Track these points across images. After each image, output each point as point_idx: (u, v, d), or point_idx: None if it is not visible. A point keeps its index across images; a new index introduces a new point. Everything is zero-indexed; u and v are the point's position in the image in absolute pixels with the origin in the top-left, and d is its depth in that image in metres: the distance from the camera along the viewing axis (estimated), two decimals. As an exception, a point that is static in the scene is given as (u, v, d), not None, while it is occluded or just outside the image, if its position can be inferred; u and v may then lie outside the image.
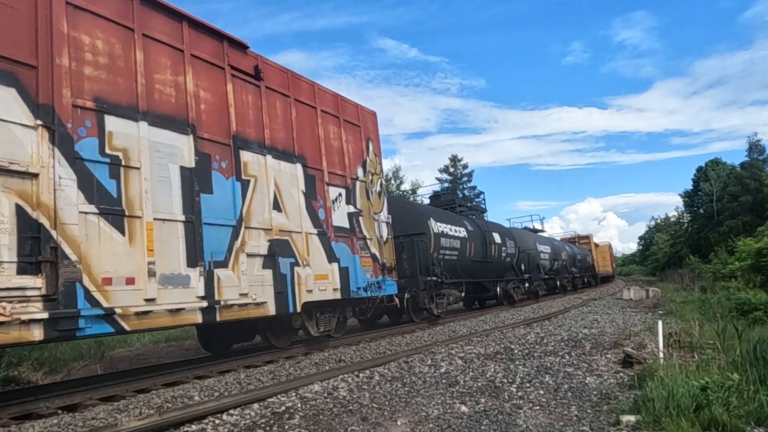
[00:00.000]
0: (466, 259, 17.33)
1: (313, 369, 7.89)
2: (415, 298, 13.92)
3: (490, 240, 19.60)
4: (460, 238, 17.05)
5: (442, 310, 15.12)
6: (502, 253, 20.69)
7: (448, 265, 15.92)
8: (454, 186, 57.21)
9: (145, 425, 4.74)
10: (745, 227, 42.71)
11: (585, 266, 38.98)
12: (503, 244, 21.01)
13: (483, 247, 18.78)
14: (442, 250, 15.67)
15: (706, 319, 11.00)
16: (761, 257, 19.96)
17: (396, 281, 12.27)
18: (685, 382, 4.78)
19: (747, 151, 59.49)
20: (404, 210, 15.21)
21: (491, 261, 19.46)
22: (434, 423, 4.86)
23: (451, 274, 16.10)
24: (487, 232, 19.50)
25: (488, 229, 20.10)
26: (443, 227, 16.11)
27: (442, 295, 15.11)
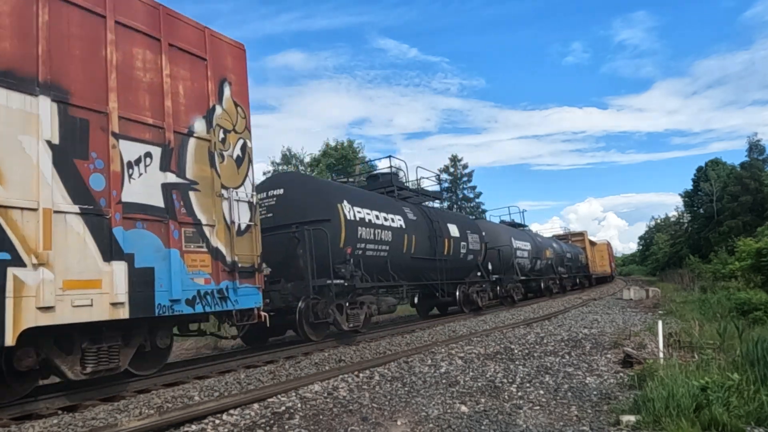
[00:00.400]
0: (404, 255, 13.46)
1: (313, 369, 7.88)
2: (313, 308, 10.32)
3: (441, 233, 15.45)
4: (394, 228, 13.10)
5: (355, 324, 11.03)
6: (460, 250, 16.70)
7: (371, 263, 12.11)
8: (455, 186, 57.23)
9: (145, 425, 4.74)
10: (745, 227, 42.69)
11: (576, 266, 35.39)
12: (463, 239, 16.98)
13: (430, 242, 14.84)
14: (361, 244, 11.74)
15: (706, 319, 11.01)
16: (761, 257, 19.95)
17: (259, 287, 8.46)
18: (685, 382, 4.78)
19: (747, 151, 59.51)
20: (303, 188, 11.48)
21: (445, 259, 15.53)
22: (434, 423, 4.86)
23: (380, 275, 12.55)
24: (436, 222, 15.36)
25: (440, 219, 15.90)
26: (363, 213, 11.99)
27: (359, 304, 11.38)
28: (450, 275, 15.96)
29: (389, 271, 12.76)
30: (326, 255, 10.35)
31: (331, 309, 10.35)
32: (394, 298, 13.50)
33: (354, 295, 11.32)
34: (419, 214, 14.98)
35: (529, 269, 23.83)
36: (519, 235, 23.84)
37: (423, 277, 14.78)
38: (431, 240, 14.88)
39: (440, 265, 15.18)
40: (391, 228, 13.07)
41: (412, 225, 14.14)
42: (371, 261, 12.17)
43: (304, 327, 10.21)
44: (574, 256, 35.02)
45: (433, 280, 15.13)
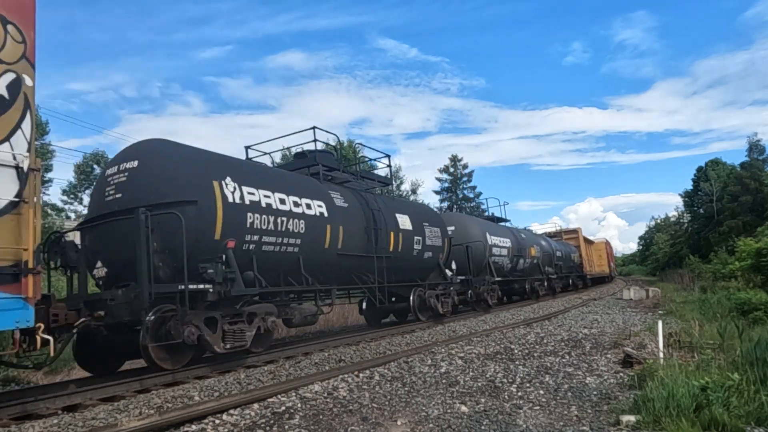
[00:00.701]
0: (326, 252, 10.57)
1: (313, 369, 7.88)
2: (163, 325, 7.53)
3: (384, 224, 12.62)
4: (309, 217, 10.14)
5: (237, 344, 8.31)
6: (414, 246, 13.87)
7: (272, 261, 9.36)
8: (455, 186, 57.23)
9: (145, 425, 4.74)
10: (745, 227, 42.69)
11: (569, 265, 32.28)
12: (418, 233, 14.10)
13: (368, 235, 12.02)
14: (254, 236, 8.89)
15: (706, 319, 11.01)
16: (761, 257, 19.95)
17: (28, 298, 5.62)
18: (685, 382, 4.78)
19: (747, 151, 59.51)
20: (165, 160, 8.40)
21: (390, 256, 12.79)
22: (434, 423, 4.86)
23: (291, 277, 9.88)
24: (378, 211, 12.51)
25: (383, 208, 12.96)
26: (258, 196, 9.12)
27: (246, 317, 8.59)
28: (400, 276, 13.46)
29: (302, 272, 9.86)
30: (180, 249, 7.40)
31: (187, 325, 7.40)
32: (314, 306, 10.45)
33: (244, 304, 8.67)
34: (354, 200, 12.12)
35: (509, 269, 21.26)
36: (497, 230, 20.86)
37: (357, 278, 11.88)
38: (369, 233, 12.01)
39: (384, 264, 12.43)
40: (306, 216, 10.03)
41: (339, 214, 11.16)
42: (272, 258, 9.29)
43: (150, 352, 7.31)
44: (566, 254, 31.91)
45: (371, 282, 12.16)
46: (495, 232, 20.35)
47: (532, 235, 27.12)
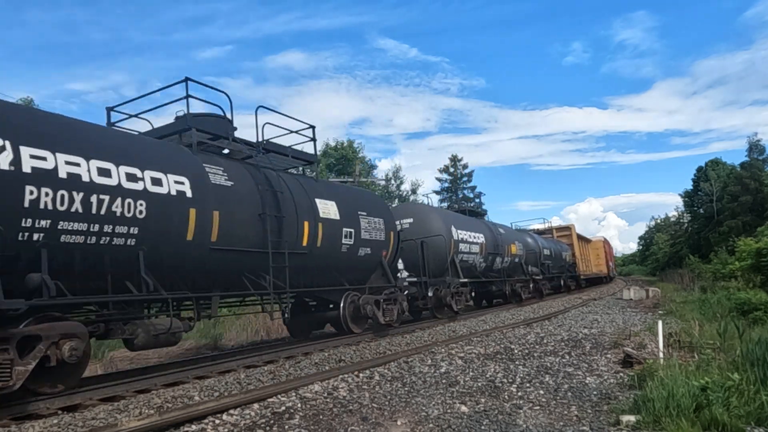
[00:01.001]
0: (188, 246, 7.73)
1: (313, 369, 7.89)
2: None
3: (294, 211, 9.70)
4: (159, 196, 7.37)
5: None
6: (342, 240, 10.82)
7: (83, 257, 6.56)
8: (454, 186, 57.24)
9: (145, 425, 4.74)
10: (745, 227, 42.69)
11: (559, 265, 29.45)
12: (349, 223, 11.05)
13: (265, 224, 8.99)
14: (44, 222, 6.06)
15: (706, 319, 11.01)
16: (761, 257, 19.96)
17: None
18: (685, 382, 4.78)
19: (747, 151, 59.58)
20: None
21: (302, 252, 9.79)
22: (434, 423, 4.86)
23: (129, 281, 7.09)
24: (282, 193, 9.59)
25: (297, 191, 10.07)
26: (47, 160, 6.22)
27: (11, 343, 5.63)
28: (322, 279, 10.67)
29: (142, 275, 7.06)
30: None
31: None
32: (171, 319, 7.34)
33: (30, 322, 5.90)
34: (245, 178, 9.02)
35: (483, 269, 18.62)
36: (466, 224, 17.85)
37: (251, 282, 8.96)
38: (266, 221, 8.95)
39: (295, 262, 9.45)
40: (150, 196, 7.22)
41: (216, 194, 8.25)
42: (85, 255, 6.52)
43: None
44: (556, 253, 28.97)
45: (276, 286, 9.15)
46: (463, 225, 17.47)
47: (513, 231, 24.19)
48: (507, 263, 20.86)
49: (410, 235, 14.92)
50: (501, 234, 20.80)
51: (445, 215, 17.24)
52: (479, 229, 18.75)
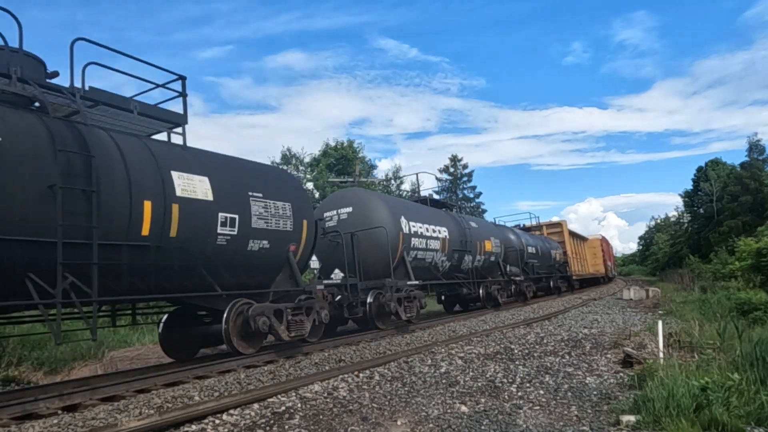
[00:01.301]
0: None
1: (313, 369, 7.88)
2: None
3: (126, 186, 6.95)
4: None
5: None
6: (218, 228, 8.11)
7: None
8: (455, 186, 57.23)
9: (145, 425, 4.74)
10: (745, 227, 42.71)
11: (548, 264, 26.54)
12: (230, 207, 8.37)
13: (65, 202, 6.18)
14: None
15: (706, 319, 11.01)
16: (761, 257, 19.97)
17: None
18: (685, 382, 4.78)
19: (747, 151, 59.61)
20: None
21: (141, 245, 7.07)
22: (434, 423, 4.86)
23: None
24: (99, 159, 6.66)
25: (134, 158, 7.25)
26: None
27: None
28: (190, 281, 8.02)
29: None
30: None
31: None
32: None
33: None
34: (25, 133, 6.17)
35: (447, 269, 16.00)
36: (423, 215, 14.90)
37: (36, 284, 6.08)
38: (59, 197, 6.11)
39: (127, 257, 6.98)
40: None
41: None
42: None
43: None
44: (544, 251, 25.91)
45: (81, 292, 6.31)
46: (418, 216, 14.48)
47: (490, 226, 21.13)
48: (480, 262, 17.92)
49: (348, 227, 12.67)
50: (472, 228, 17.62)
51: (393, 204, 14.16)
52: (441, 221, 15.66)
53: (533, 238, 25.49)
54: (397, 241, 13.04)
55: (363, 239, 12.55)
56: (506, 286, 19.91)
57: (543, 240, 27.35)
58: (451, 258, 16.03)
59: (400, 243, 13.17)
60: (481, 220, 23.37)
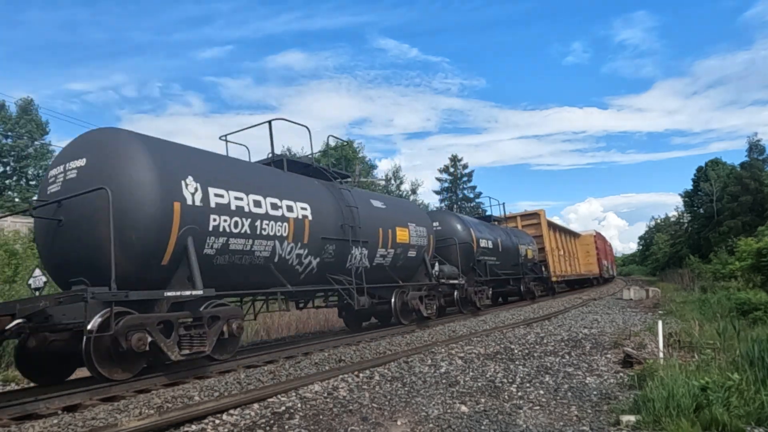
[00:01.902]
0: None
1: (313, 369, 7.88)
2: None
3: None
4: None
5: None
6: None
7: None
8: (455, 186, 57.24)
9: (145, 425, 4.74)
10: (745, 227, 42.73)
11: (515, 263, 20.96)
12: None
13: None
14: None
15: (706, 319, 11.01)
16: (761, 257, 19.98)
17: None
18: (685, 382, 4.78)
19: (747, 151, 59.63)
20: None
21: None
22: (434, 423, 4.86)
23: None
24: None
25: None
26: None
27: None
28: None
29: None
30: None
31: None
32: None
33: None
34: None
35: (314, 268, 10.59)
36: (247, 179, 9.20)
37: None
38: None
39: None
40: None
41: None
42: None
43: None
44: (507, 247, 20.28)
45: None
46: (232, 180, 8.72)
47: (409, 207, 15.40)
48: (387, 258, 12.76)
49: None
50: (374, 209, 12.51)
51: (189, 158, 8.36)
52: (300, 194, 10.19)
53: (492, 230, 19.66)
54: (169, 218, 7.45)
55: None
56: (432, 292, 14.42)
57: (508, 233, 21.41)
58: (319, 251, 10.41)
59: (175, 219, 7.51)
60: (399, 199, 18.48)
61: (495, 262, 19.00)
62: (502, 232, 20.87)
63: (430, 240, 14.71)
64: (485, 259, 18.19)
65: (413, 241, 13.76)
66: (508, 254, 20.49)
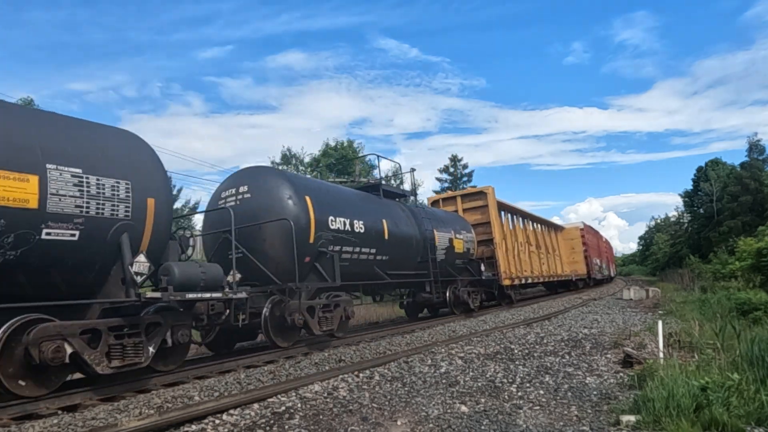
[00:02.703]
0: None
1: (313, 369, 7.88)
2: None
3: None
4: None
5: None
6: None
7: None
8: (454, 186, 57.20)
9: (145, 425, 4.73)
10: (745, 227, 42.74)
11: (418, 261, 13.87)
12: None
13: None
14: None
15: (706, 319, 11.00)
16: (761, 257, 19.99)
17: None
18: (685, 382, 4.78)
19: (747, 151, 59.66)
20: None
21: None
22: (434, 423, 4.86)
23: None
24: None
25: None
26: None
27: None
28: None
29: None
30: None
31: None
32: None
33: None
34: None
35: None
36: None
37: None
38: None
39: None
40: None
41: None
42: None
43: None
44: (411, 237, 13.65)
45: None
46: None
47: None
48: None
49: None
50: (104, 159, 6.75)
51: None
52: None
53: (372, 207, 12.50)
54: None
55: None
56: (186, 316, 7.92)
57: (415, 213, 14.31)
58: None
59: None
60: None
61: (374, 257, 11.99)
62: (399, 212, 13.54)
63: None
64: (349, 251, 11.14)
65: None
66: (408, 245, 13.31)
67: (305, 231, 10.08)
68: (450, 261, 15.69)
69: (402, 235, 13.30)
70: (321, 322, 10.14)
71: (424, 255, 14.25)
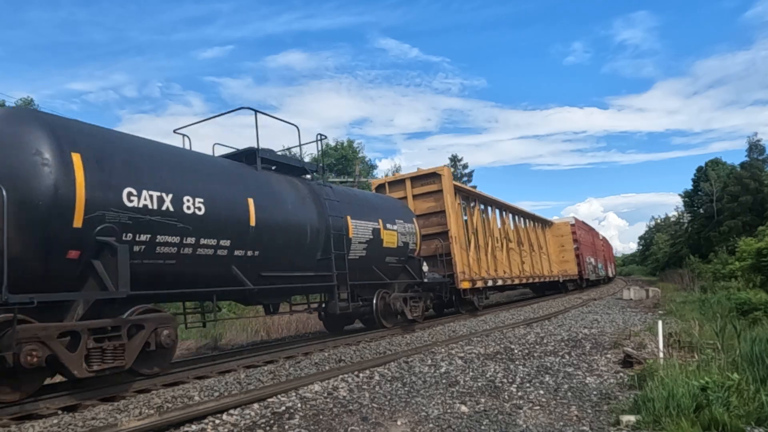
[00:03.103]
0: None
1: (313, 369, 7.88)
2: None
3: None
4: None
5: None
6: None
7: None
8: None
9: (145, 425, 4.73)
10: (745, 227, 42.75)
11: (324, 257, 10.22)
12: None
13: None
14: None
15: (706, 319, 11.00)
16: (761, 257, 20.00)
17: None
18: (685, 382, 4.78)
19: (747, 151, 59.78)
20: None
21: None
22: (434, 423, 4.86)
23: None
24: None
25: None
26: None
27: None
28: None
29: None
30: None
31: None
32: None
33: None
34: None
35: None
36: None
37: None
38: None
39: None
40: None
41: None
42: None
43: None
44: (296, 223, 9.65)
45: None
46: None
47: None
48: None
49: None
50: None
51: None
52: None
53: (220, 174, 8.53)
54: None
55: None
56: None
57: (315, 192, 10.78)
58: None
59: None
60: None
61: (231, 252, 8.30)
62: (284, 190, 9.85)
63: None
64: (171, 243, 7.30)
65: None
66: (299, 237, 9.83)
67: (66, 208, 6.08)
68: (376, 259, 12.07)
69: (284, 222, 9.43)
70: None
71: (327, 250, 10.45)
